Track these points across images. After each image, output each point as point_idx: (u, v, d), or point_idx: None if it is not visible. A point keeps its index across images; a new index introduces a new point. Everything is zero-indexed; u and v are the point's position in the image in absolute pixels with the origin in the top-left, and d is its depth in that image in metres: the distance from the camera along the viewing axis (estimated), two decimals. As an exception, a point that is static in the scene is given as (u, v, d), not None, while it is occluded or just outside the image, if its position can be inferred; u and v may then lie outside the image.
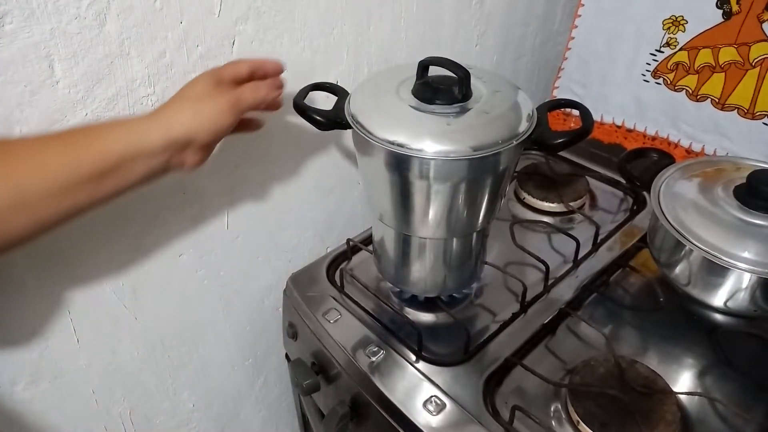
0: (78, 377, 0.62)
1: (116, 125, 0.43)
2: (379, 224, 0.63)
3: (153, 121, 0.44)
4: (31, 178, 0.38)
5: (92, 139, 0.41)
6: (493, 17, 0.87)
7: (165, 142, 0.44)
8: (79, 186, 0.40)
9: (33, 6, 0.44)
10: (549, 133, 0.54)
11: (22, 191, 0.37)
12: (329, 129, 0.57)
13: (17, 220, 0.38)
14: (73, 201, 0.40)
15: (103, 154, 0.41)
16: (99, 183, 0.41)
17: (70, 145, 0.40)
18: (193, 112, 0.45)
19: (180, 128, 0.45)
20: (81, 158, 0.40)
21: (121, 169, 0.42)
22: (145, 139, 0.43)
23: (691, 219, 0.63)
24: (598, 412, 0.54)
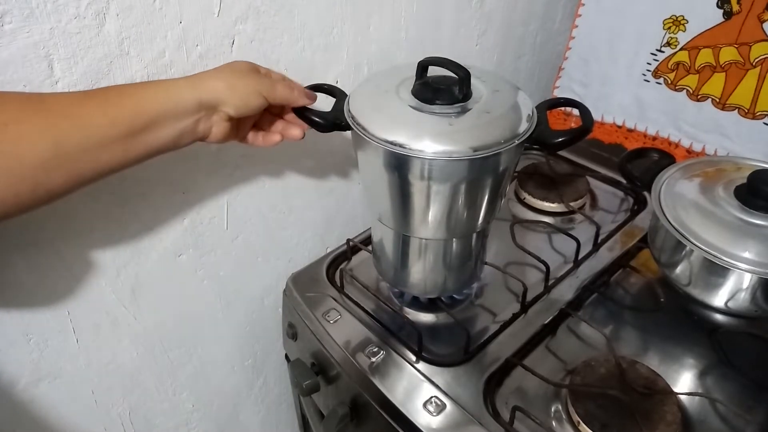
0: (77, 377, 0.62)
1: (150, 85, 0.45)
2: (378, 225, 0.63)
3: (185, 83, 0.46)
4: (69, 132, 0.39)
5: (127, 97, 0.43)
6: (493, 17, 0.87)
7: (195, 103, 0.46)
8: (115, 142, 0.42)
9: (32, 6, 0.43)
10: (549, 132, 0.54)
11: (61, 145, 0.38)
12: (329, 131, 0.57)
13: (56, 174, 0.39)
14: (108, 157, 0.42)
15: (137, 112, 0.43)
16: (133, 140, 0.43)
17: (107, 102, 0.41)
18: (228, 84, 0.48)
19: (211, 93, 0.47)
20: (117, 115, 0.41)
21: (154, 128, 0.44)
22: (177, 98, 0.45)
23: (692, 219, 0.63)
24: (598, 412, 0.54)
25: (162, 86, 0.45)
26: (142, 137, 0.43)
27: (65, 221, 0.54)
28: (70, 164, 0.39)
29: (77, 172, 0.40)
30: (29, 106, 0.38)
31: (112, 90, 0.44)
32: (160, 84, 0.45)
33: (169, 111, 0.44)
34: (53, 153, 0.38)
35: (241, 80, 0.49)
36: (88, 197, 0.54)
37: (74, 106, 0.40)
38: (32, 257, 0.53)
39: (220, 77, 0.48)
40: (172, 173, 0.60)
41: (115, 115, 0.41)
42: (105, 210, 0.57)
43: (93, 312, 0.60)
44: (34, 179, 0.38)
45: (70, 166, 0.39)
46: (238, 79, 0.49)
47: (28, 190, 0.38)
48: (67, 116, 0.39)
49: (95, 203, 0.55)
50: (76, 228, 0.55)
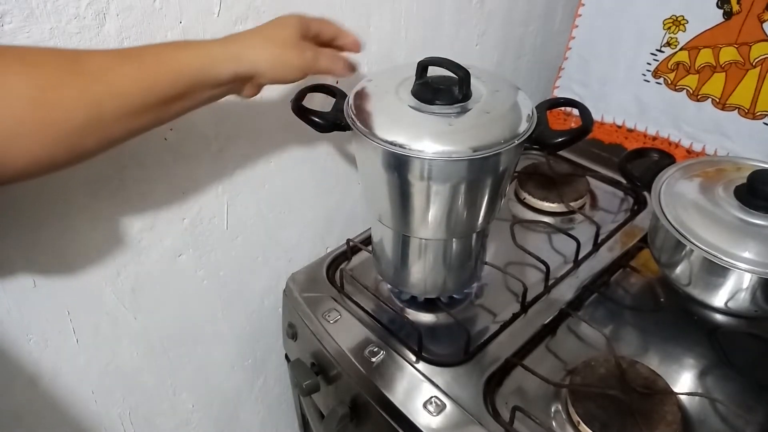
0: (77, 377, 0.62)
1: (189, 50, 0.44)
2: (378, 225, 0.63)
3: (225, 51, 0.45)
4: (104, 99, 0.39)
5: (164, 64, 0.42)
6: (493, 17, 0.87)
7: (232, 74, 0.45)
8: (149, 108, 0.41)
9: (32, 6, 0.43)
10: (549, 132, 0.54)
11: (95, 111, 0.38)
12: (329, 131, 0.57)
13: (89, 138, 0.39)
14: (141, 122, 0.42)
15: (174, 80, 0.42)
16: (167, 106, 0.43)
17: (142, 69, 0.41)
18: (268, 55, 0.46)
19: (249, 65, 0.46)
20: (154, 83, 0.41)
21: (189, 95, 0.44)
22: (215, 68, 0.44)
23: (692, 219, 0.63)
24: (598, 412, 0.54)
25: (201, 54, 0.44)
26: (175, 103, 0.43)
27: (65, 221, 0.54)
28: (103, 129, 0.39)
29: (110, 136, 0.40)
30: (66, 69, 0.37)
31: (149, 54, 0.42)
32: (199, 51, 0.44)
33: (206, 82, 0.44)
34: (87, 119, 0.38)
35: (283, 54, 0.47)
36: (88, 197, 0.54)
37: (109, 70, 0.39)
38: (32, 257, 0.53)
39: (262, 47, 0.46)
40: (172, 173, 0.60)
41: (150, 84, 0.41)
42: (105, 209, 0.56)
43: (93, 312, 0.60)
44: (69, 143, 0.38)
45: (103, 130, 0.39)
46: (280, 53, 0.47)
47: (63, 152, 0.38)
48: (102, 81, 0.39)
49: (95, 203, 0.55)
50: (76, 228, 0.55)
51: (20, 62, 0.36)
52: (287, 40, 0.47)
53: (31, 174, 0.38)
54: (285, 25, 0.48)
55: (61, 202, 0.53)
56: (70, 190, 0.53)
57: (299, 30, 0.48)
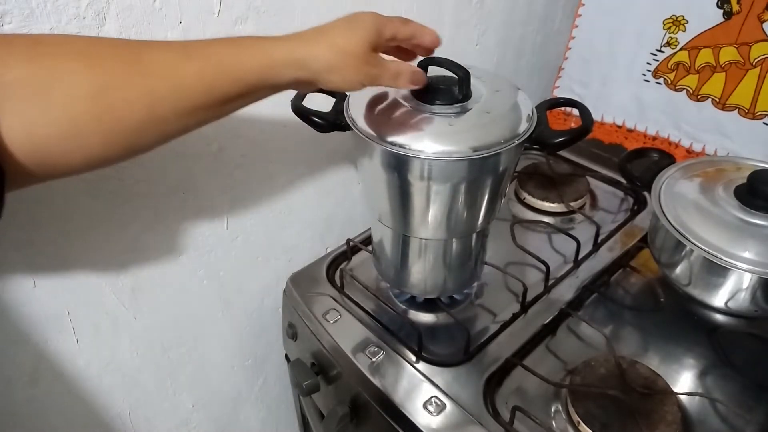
0: (77, 377, 0.62)
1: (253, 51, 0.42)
2: (378, 225, 0.63)
3: (289, 56, 0.43)
4: (165, 98, 0.38)
5: (227, 66, 0.41)
6: (493, 17, 0.87)
7: (292, 80, 0.44)
8: (208, 107, 0.41)
9: (32, 5, 0.43)
10: (549, 132, 0.54)
11: (156, 110, 0.38)
12: (328, 131, 0.57)
13: (146, 135, 0.39)
14: (198, 119, 0.41)
15: (236, 82, 0.41)
16: (226, 105, 0.42)
17: (207, 68, 0.40)
18: (332, 65, 0.44)
19: (311, 73, 0.44)
20: (215, 83, 0.40)
21: (248, 95, 0.43)
22: (277, 73, 0.43)
23: (692, 219, 0.63)
24: (598, 412, 0.54)
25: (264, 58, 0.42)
26: (234, 102, 0.43)
27: (65, 221, 0.54)
28: (161, 126, 0.39)
29: (167, 132, 0.40)
30: (128, 67, 0.37)
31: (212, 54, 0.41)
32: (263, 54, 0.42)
33: (266, 85, 0.43)
34: (147, 117, 0.38)
35: (347, 67, 0.45)
36: (88, 197, 0.54)
37: (172, 69, 0.39)
38: (32, 257, 0.53)
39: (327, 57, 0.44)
40: (172, 173, 0.60)
41: (212, 85, 0.40)
42: (105, 210, 0.56)
43: (93, 312, 0.60)
44: (127, 140, 0.38)
45: (161, 127, 0.39)
46: (343, 66, 0.45)
47: (120, 149, 0.38)
48: (164, 82, 0.38)
49: (95, 203, 0.55)
50: (76, 228, 0.55)
51: (82, 58, 0.35)
52: (355, 53, 0.45)
53: (87, 169, 0.38)
54: (356, 33, 0.45)
55: (61, 202, 0.53)
56: (69, 190, 0.53)
57: (371, 41, 0.45)
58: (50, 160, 0.35)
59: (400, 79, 0.49)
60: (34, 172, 0.35)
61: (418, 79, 0.50)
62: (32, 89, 0.33)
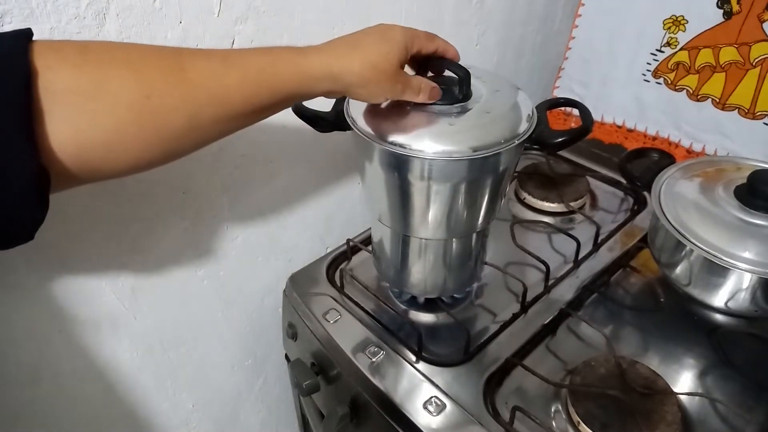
0: (77, 377, 0.62)
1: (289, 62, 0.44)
2: (378, 225, 0.63)
3: (323, 69, 0.45)
4: (205, 107, 0.39)
5: (266, 77, 0.42)
6: (493, 17, 0.87)
7: (326, 91, 0.46)
8: (246, 115, 0.43)
9: (32, 5, 0.43)
10: (549, 132, 0.54)
11: (196, 119, 0.39)
12: (329, 131, 0.57)
13: (186, 141, 0.40)
14: (236, 125, 0.43)
15: (273, 93, 0.43)
16: (261, 114, 0.44)
17: (247, 79, 0.41)
18: (363, 83, 0.46)
19: (343, 86, 0.46)
20: (253, 94, 0.42)
21: (284, 104, 0.45)
22: (312, 85, 0.45)
23: (692, 219, 0.63)
24: (598, 412, 0.54)
25: (300, 71, 0.44)
26: (270, 111, 0.45)
27: (66, 221, 0.54)
28: (200, 133, 0.40)
29: (205, 139, 0.42)
30: (171, 76, 0.38)
31: (251, 64, 0.42)
32: (299, 66, 0.44)
33: (301, 97, 0.46)
34: (188, 124, 0.39)
35: (377, 84, 0.47)
36: (88, 197, 0.54)
37: (213, 79, 0.40)
38: (32, 257, 0.53)
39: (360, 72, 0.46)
40: (172, 173, 0.60)
41: (250, 95, 0.41)
42: (105, 210, 0.56)
43: (93, 312, 0.60)
44: (168, 146, 0.39)
45: (200, 134, 0.41)
46: (374, 82, 0.46)
47: (160, 154, 0.39)
48: (205, 91, 0.39)
49: (95, 203, 0.55)
50: (76, 228, 0.55)
51: (128, 66, 0.36)
52: (386, 70, 0.46)
53: (127, 173, 0.39)
54: (389, 50, 0.47)
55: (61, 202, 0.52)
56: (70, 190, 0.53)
57: (401, 58, 0.47)
58: (93, 164, 0.36)
59: (422, 94, 0.51)
60: (76, 175, 0.36)
61: (435, 95, 0.52)
62: (81, 96, 0.34)
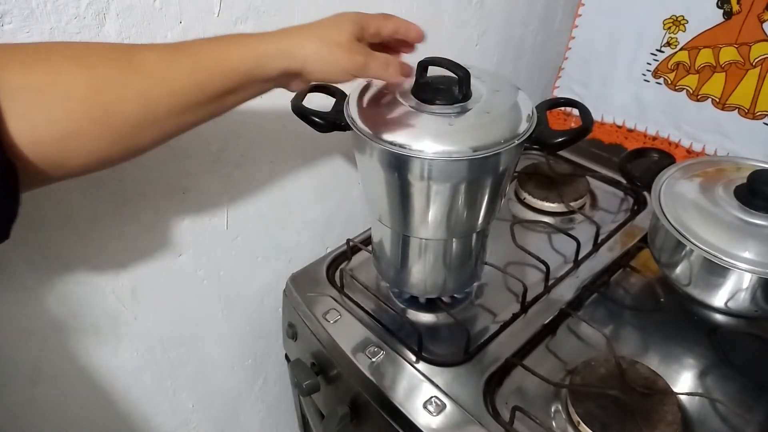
0: (77, 377, 0.62)
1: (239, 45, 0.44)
2: (378, 225, 0.63)
3: (276, 48, 0.45)
4: (158, 98, 0.39)
5: (217, 61, 0.42)
6: (493, 17, 0.87)
7: (282, 71, 0.46)
8: (202, 104, 0.42)
9: (32, 5, 0.43)
10: (549, 132, 0.54)
11: (150, 110, 0.39)
12: (328, 131, 0.57)
13: (144, 135, 0.40)
14: (194, 117, 0.43)
15: (227, 77, 0.43)
16: (219, 101, 0.43)
17: (195, 67, 0.41)
18: (318, 54, 0.46)
19: (298, 62, 0.46)
20: (206, 81, 0.42)
21: (240, 90, 0.44)
22: (265, 65, 0.44)
23: (692, 219, 0.63)
24: (598, 412, 0.54)
25: (252, 51, 0.44)
26: (227, 98, 0.44)
27: (65, 221, 0.54)
28: (157, 126, 0.40)
29: (164, 131, 0.41)
30: (120, 68, 0.38)
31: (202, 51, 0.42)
32: (250, 47, 0.44)
33: (257, 78, 0.45)
34: (143, 117, 0.39)
35: (333, 55, 0.47)
36: (88, 197, 0.54)
37: (164, 69, 0.40)
38: (32, 257, 0.53)
39: (313, 46, 0.46)
40: (172, 173, 0.60)
41: (204, 82, 0.41)
42: (105, 210, 0.56)
43: (93, 312, 0.60)
44: (124, 140, 0.39)
45: (157, 126, 0.40)
46: (330, 53, 0.46)
47: (118, 149, 0.39)
48: (157, 81, 0.39)
49: (95, 203, 0.55)
50: (76, 228, 0.55)
51: (76, 62, 0.36)
52: (340, 42, 0.47)
53: (86, 171, 0.39)
54: (340, 25, 0.48)
55: (61, 202, 0.53)
56: (70, 190, 0.53)
57: (354, 31, 0.48)
58: (52, 159, 0.36)
59: (390, 68, 0.51)
60: (43, 171, 0.36)
61: (407, 71, 0.52)
62: (33, 93, 0.34)
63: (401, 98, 0.55)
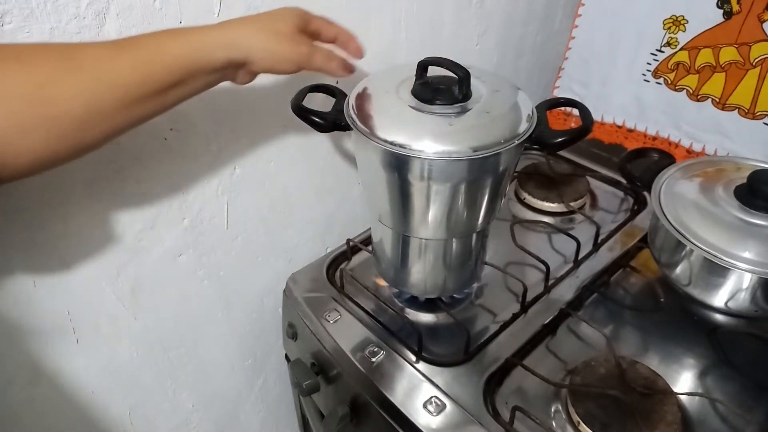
0: (77, 377, 0.62)
1: (181, 37, 0.44)
2: (378, 225, 0.63)
3: (219, 37, 0.45)
4: (102, 92, 0.39)
5: (159, 53, 0.42)
6: (493, 17, 0.87)
7: (226, 60, 0.45)
8: (147, 97, 0.42)
9: (32, 5, 0.43)
10: (549, 132, 0.54)
11: (94, 105, 0.39)
12: (329, 131, 0.57)
13: (89, 132, 0.40)
14: (140, 111, 0.42)
15: (170, 68, 0.42)
16: (164, 94, 0.43)
17: (138, 60, 0.41)
18: (263, 45, 0.46)
19: (243, 52, 0.46)
20: (148, 74, 0.41)
21: (184, 83, 0.44)
22: (209, 54, 0.44)
23: (692, 219, 0.63)
24: (598, 412, 0.54)
25: (195, 41, 0.44)
26: (173, 91, 0.44)
27: (66, 222, 0.54)
28: (104, 121, 0.40)
29: (111, 127, 0.41)
30: (62, 64, 0.38)
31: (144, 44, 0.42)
32: (193, 37, 0.44)
33: (200, 69, 0.44)
34: (87, 112, 0.38)
35: (278, 44, 0.47)
36: (88, 198, 0.54)
37: (105, 64, 0.40)
38: (32, 257, 0.53)
39: (257, 35, 0.46)
40: (172, 173, 0.60)
41: (146, 75, 0.41)
42: (105, 210, 0.56)
43: (93, 312, 0.60)
44: (70, 137, 0.39)
45: (104, 122, 0.40)
46: (275, 42, 0.47)
47: (65, 146, 0.39)
48: (99, 76, 0.39)
49: (95, 203, 0.55)
50: (76, 228, 0.55)
51: (16, 60, 0.36)
52: (283, 32, 0.47)
53: (35, 170, 0.38)
54: (283, 17, 0.48)
55: (61, 202, 0.53)
56: (70, 190, 0.53)
57: (297, 23, 0.49)
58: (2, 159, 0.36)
59: (333, 61, 0.51)
60: None
61: (349, 67, 0.53)
62: None
63: (401, 98, 0.55)
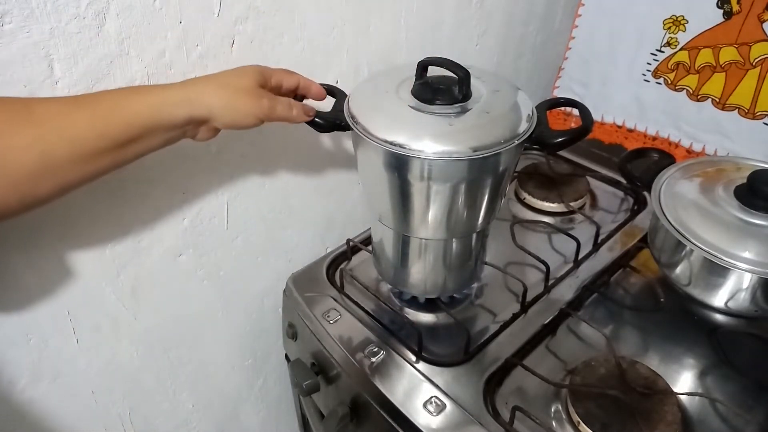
0: (77, 378, 0.62)
1: (142, 94, 0.44)
2: (378, 225, 0.63)
3: (179, 95, 0.45)
4: (57, 145, 0.39)
5: (118, 109, 0.42)
6: (493, 16, 0.87)
7: (186, 117, 0.46)
8: (103, 154, 0.42)
9: (32, 5, 0.43)
10: (549, 132, 0.54)
11: (48, 158, 0.39)
12: (329, 131, 0.57)
13: (43, 184, 0.39)
14: (95, 166, 0.42)
15: (127, 125, 0.42)
16: (121, 150, 0.43)
17: (96, 115, 0.41)
18: (224, 103, 0.47)
19: (204, 109, 0.46)
20: (106, 128, 0.41)
21: (143, 139, 0.44)
22: (169, 112, 0.45)
23: (692, 219, 0.63)
24: (598, 412, 0.54)
25: (155, 98, 0.44)
26: (129, 147, 0.44)
27: (66, 222, 0.54)
28: (57, 175, 0.40)
29: (65, 181, 0.41)
30: (17, 117, 0.38)
31: (103, 100, 0.43)
32: (153, 95, 0.44)
33: (160, 126, 0.44)
34: (41, 165, 0.38)
35: (239, 100, 0.48)
36: (88, 198, 0.54)
37: (62, 117, 0.40)
38: (33, 258, 0.53)
39: (217, 93, 0.47)
40: (172, 173, 0.60)
41: (104, 129, 0.41)
42: (105, 210, 0.56)
43: (93, 312, 0.60)
44: (22, 189, 0.38)
45: (57, 176, 0.40)
46: (236, 99, 0.48)
47: (16, 198, 0.39)
48: (55, 129, 0.39)
49: (95, 204, 0.55)
50: (76, 228, 0.55)
51: None
52: (243, 88, 0.48)
53: None
54: (243, 74, 0.49)
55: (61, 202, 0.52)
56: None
57: (257, 79, 0.49)
58: None
59: (294, 110, 0.53)
60: None
61: (309, 112, 0.55)
62: None
63: (401, 98, 0.55)
